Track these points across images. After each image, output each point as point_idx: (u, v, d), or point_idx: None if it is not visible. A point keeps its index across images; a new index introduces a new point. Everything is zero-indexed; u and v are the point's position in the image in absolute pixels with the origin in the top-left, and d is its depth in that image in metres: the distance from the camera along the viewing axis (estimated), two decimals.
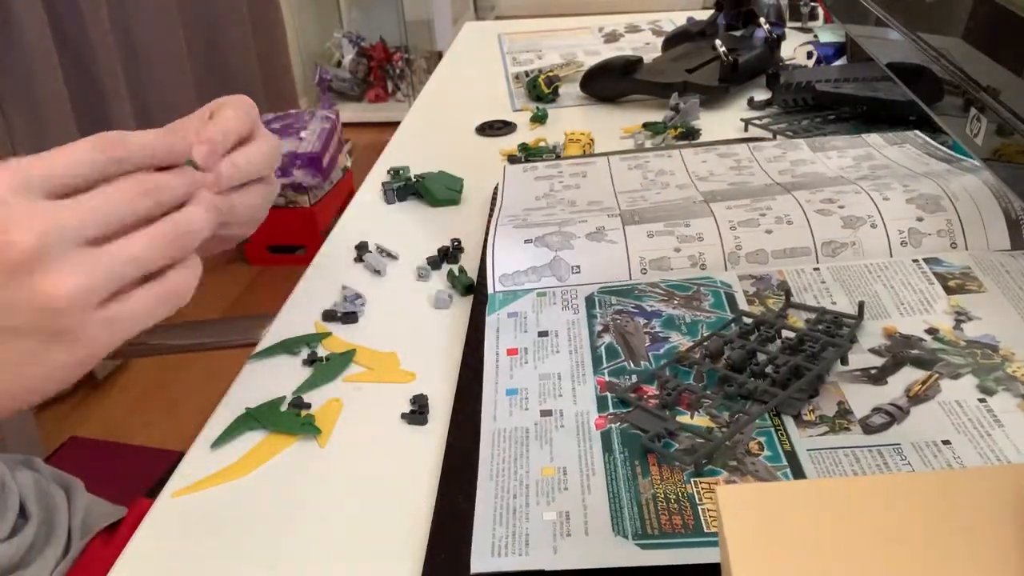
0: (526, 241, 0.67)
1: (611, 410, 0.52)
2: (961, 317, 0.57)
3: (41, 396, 0.44)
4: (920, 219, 0.64)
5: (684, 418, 0.51)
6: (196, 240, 0.46)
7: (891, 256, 0.64)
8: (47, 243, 0.40)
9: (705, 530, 0.43)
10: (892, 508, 0.30)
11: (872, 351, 0.55)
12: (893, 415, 0.49)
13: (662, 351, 0.57)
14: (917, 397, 0.50)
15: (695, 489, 0.45)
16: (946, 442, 0.47)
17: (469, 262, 0.73)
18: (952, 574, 0.28)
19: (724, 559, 0.30)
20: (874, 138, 0.82)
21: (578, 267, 0.65)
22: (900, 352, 0.54)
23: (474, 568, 0.42)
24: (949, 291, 0.59)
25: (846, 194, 0.67)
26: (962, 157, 0.75)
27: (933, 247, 0.64)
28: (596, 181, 0.80)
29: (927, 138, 0.81)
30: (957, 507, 0.30)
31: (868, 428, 0.48)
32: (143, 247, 0.44)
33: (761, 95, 1.04)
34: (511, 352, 0.59)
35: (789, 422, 0.49)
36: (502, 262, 0.66)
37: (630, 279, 0.65)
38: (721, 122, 0.99)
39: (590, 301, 0.63)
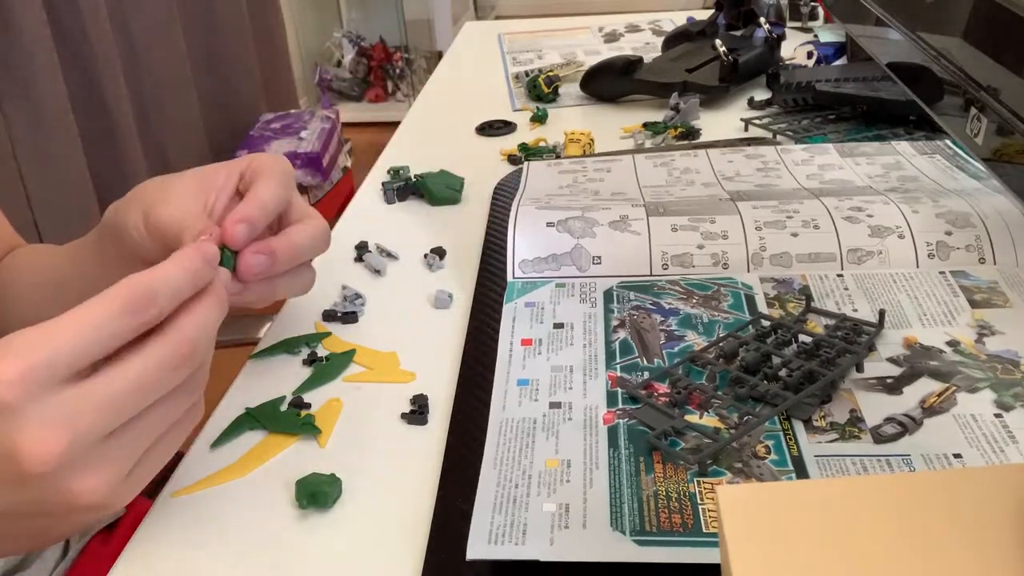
0: (548, 224, 0.67)
1: (620, 406, 0.52)
2: (984, 331, 0.56)
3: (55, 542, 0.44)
4: (949, 233, 0.64)
5: (693, 417, 0.51)
6: (204, 384, 0.44)
7: (917, 267, 0.63)
8: (71, 455, 0.37)
9: (704, 530, 0.43)
10: (893, 508, 0.30)
11: (890, 360, 0.54)
12: (905, 426, 0.49)
13: (676, 349, 0.57)
14: (932, 409, 0.50)
15: (697, 489, 0.45)
16: (957, 455, 0.46)
17: (469, 261, 0.73)
18: (952, 574, 0.28)
19: (724, 559, 0.30)
20: (904, 146, 0.82)
21: (599, 258, 0.65)
22: (918, 363, 0.54)
23: (469, 554, 0.43)
24: (974, 304, 0.59)
25: (874, 204, 0.67)
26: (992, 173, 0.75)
27: (961, 261, 0.63)
28: (621, 176, 0.80)
29: (957, 149, 0.80)
30: (958, 507, 0.30)
31: (879, 437, 0.48)
32: (168, 419, 0.41)
33: (761, 95, 1.04)
34: (525, 343, 0.59)
35: (799, 427, 0.49)
36: (522, 246, 0.66)
37: (651, 274, 0.65)
38: (721, 122, 0.99)
39: (608, 295, 0.63)
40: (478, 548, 0.43)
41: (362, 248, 0.76)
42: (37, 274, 0.67)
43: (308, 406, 0.58)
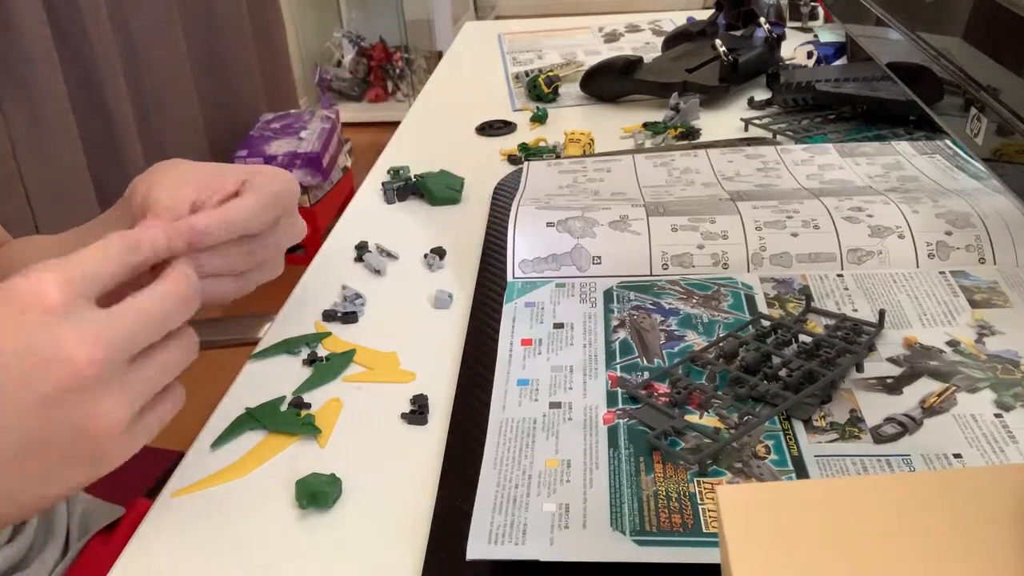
0: (548, 224, 0.67)
1: (620, 406, 0.52)
2: (984, 331, 0.56)
3: (49, 506, 0.44)
4: (949, 233, 0.64)
5: (693, 417, 0.51)
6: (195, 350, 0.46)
7: (917, 267, 0.63)
8: (106, 367, 0.39)
9: (704, 530, 0.43)
10: (892, 508, 0.30)
11: (890, 360, 0.54)
12: (905, 426, 0.49)
13: (676, 349, 0.57)
14: (932, 409, 0.50)
15: (697, 489, 0.45)
16: (957, 455, 0.46)
17: (469, 261, 0.73)
18: (952, 574, 0.28)
19: (724, 559, 0.30)
20: (904, 146, 0.82)
21: (599, 258, 0.65)
22: (918, 363, 0.54)
23: (470, 554, 0.43)
24: (974, 304, 0.59)
25: (874, 204, 0.67)
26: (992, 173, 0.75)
27: (961, 261, 0.63)
28: (621, 176, 0.80)
29: (957, 149, 0.80)
30: (958, 507, 0.30)
31: (879, 437, 0.48)
32: (176, 363, 0.43)
33: (761, 95, 1.04)
34: (525, 343, 0.59)
35: (799, 427, 0.49)
36: (522, 246, 0.66)
37: (651, 274, 0.65)
38: (721, 122, 0.99)
39: (608, 295, 0.63)
40: (478, 548, 0.43)
41: (362, 248, 0.76)
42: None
43: (308, 406, 0.58)
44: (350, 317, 0.67)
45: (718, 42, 1.07)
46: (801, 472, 0.46)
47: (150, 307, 0.42)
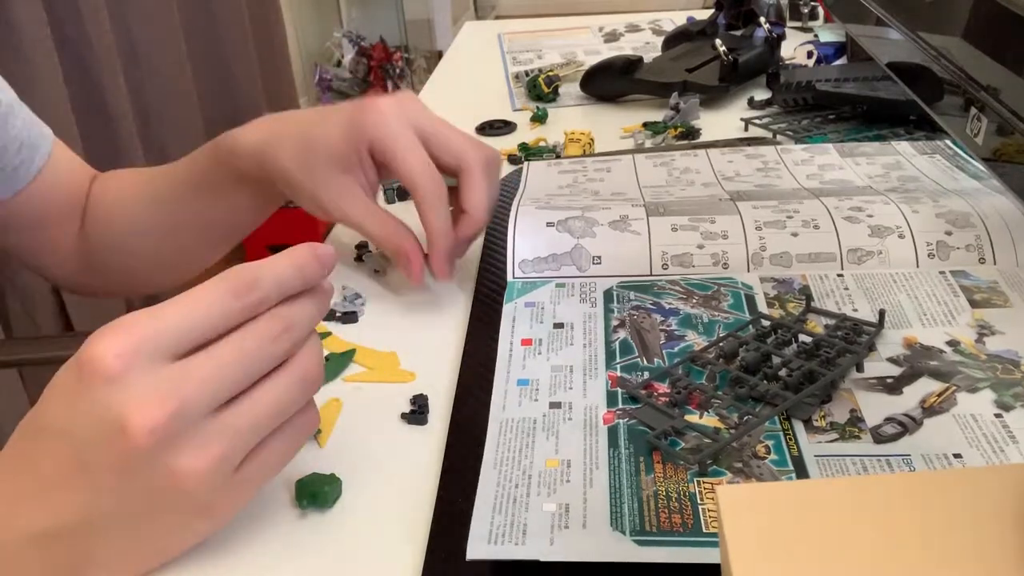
0: (547, 224, 0.67)
1: (620, 406, 0.52)
2: (984, 331, 0.56)
3: (171, 559, 0.45)
4: (949, 232, 0.64)
5: (693, 417, 0.51)
6: (321, 380, 0.44)
7: (917, 267, 0.63)
8: (174, 426, 0.38)
9: (704, 530, 0.43)
10: (893, 508, 0.30)
11: (890, 360, 0.54)
12: (905, 425, 0.49)
13: (676, 349, 0.57)
14: (932, 409, 0.50)
15: (697, 489, 0.45)
16: (957, 455, 0.46)
17: (469, 261, 0.73)
18: (952, 574, 0.28)
19: (724, 559, 0.30)
20: (904, 146, 0.82)
21: (599, 258, 0.65)
22: (918, 363, 0.54)
23: (469, 554, 0.43)
24: (974, 304, 0.59)
25: (874, 204, 0.67)
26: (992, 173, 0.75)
27: (961, 260, 0.63)
28: (621, 176, 0.80)
29: (957, 149, 0.80)
30: (958, 507, 0.30)
31: (879, 437, 0.48)
32: (275, 404, 0.41)
33: (761, 95, 1.04)
34: (525, 342, 0.59)
35: (799, 427, 0.49)
36: (522, 246, 0.66)
37: (651, 273, 0.65)
38: (721, 122, 0.99)
39: (608, 295, 0.63)
40: (478, 548, 0.43)
41: (362, 248, 0.76)
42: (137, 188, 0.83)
43: None
44: (350, 317, 0.67)
45: (718, 42, 1.07)
46: (801, 472, 0.46)
47: (231, 353, 0.40)
